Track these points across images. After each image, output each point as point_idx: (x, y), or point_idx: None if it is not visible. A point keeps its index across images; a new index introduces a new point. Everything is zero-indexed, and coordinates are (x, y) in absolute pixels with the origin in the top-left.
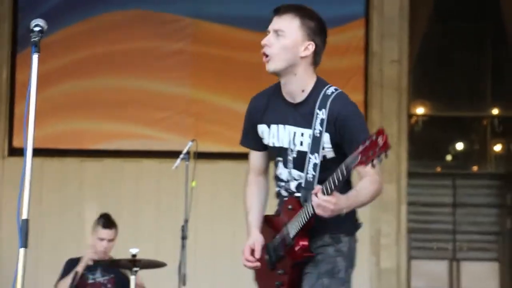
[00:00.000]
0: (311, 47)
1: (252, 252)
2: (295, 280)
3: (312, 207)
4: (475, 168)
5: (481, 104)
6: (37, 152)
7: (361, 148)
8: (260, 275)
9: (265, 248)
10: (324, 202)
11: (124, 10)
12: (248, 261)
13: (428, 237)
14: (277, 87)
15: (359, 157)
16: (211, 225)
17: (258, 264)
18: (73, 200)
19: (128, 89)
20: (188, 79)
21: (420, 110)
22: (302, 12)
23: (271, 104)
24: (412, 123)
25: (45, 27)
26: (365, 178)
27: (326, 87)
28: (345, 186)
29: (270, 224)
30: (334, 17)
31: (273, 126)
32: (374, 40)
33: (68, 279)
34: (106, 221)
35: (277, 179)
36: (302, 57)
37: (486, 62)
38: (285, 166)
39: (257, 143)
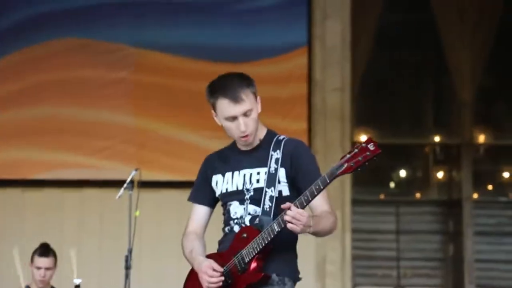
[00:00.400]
0: (259, 101)
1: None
2: None
3: (279, 223)
4: (418, 195)
5: (423, 132)
6: None
7: (348, 156)
8: None
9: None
10: (298, 215)
11: (66, 38)
12: (213, 277)
13: (373, 264)
14: (230, 145)
15: (346, 164)
16: (155, 255)
17: (222, 278)
18: (14, 230)
19: (70, 118)
20: (131, 108)
21: (363, 138)
22: (246, 81)
23: (225, 157)
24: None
25: None
26: (322, 211)
27: (278, 135)
28: None
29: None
30: (276, 46)
31: (228, 174)
32: (316, 68)
33: None
34: (43, 249)
35: (229, 219)
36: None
37: (428, 90)
38: (241, 203)
39: (205, 199)
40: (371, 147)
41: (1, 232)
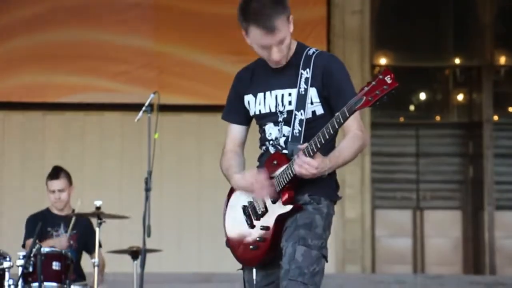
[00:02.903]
0: (291, 20)
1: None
2: (277, 235)
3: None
4: (438, 117)
5: (444, 54)
6: None
7: (366, 89)
8: (235, 236)
9: (243, 209)
10: (305, 164)
11: None
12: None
13: (392, 186)
14: (260, 59)
15: (365, 98)
16: (175, 177)
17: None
18: (36, 153)
19: (91, 42)
20: (151, 32)
21: (382, 61)
22: (281, 4)
23: (255, 75)
24: (375, 73)
25: None
26: (348, 136)
27: (307, 49)
28: (329, 146)
29: None
30: None
31: (260, 95)
32: None
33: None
34: (53, 172)
35: (265, 139)
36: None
37: (448, 12)
38: (276, 125)
39: (239, 117)
40: (388, 79)
41: (23, 154)
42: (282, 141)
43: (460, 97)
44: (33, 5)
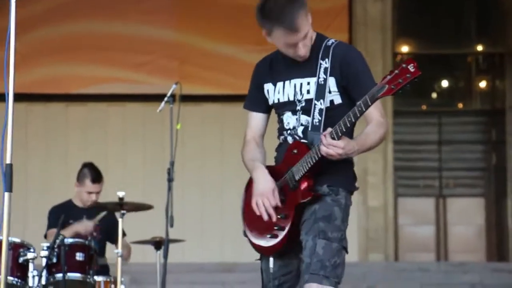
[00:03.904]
0: (309, 12)
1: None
2: (296, 223)
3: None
4: (460, 105)
5: (466, 41)
6: (20, 97)
7: (388, 77)
8: (253, 226)
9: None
10: (330, 146)
11: None
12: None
13: (415, 174)
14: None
15: (387, 86)
16: (197, 167)
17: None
18: (58, 144)
19: (111, 33)
20: (171, 22)
21: (404, 48)
22: (298, 3)
23: (275, 64)
24: (397, 61)
25: None
26: (372, 123)
27: (326, 40)
28: (348, 136)
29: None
30: None
31: (279, 84)
32: None
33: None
34: (95, 175)
35: (283, 129)
36: None
37: None
38: (294, 114)
39: (260, 106)
40: (411, 68)
41: (45, 145)
42: (300, 130)
43: (483, 84)
44: None
